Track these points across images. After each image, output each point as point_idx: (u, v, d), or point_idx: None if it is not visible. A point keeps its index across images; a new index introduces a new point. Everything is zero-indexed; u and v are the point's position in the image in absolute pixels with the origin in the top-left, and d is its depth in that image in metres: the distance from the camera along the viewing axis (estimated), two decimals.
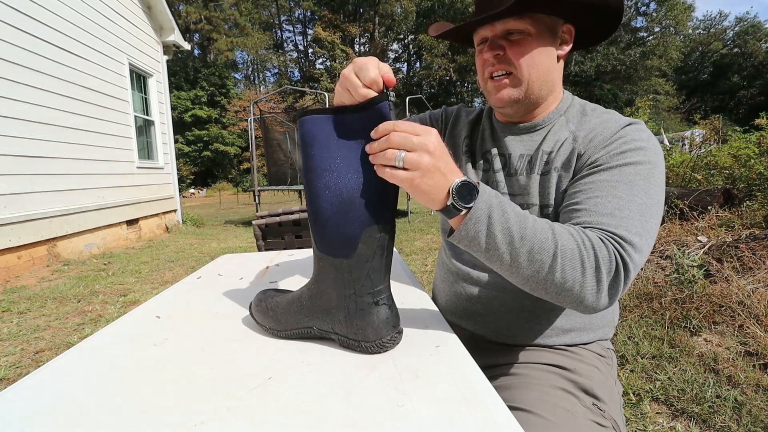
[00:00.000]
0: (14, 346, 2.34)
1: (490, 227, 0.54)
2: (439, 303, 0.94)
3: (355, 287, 0.58)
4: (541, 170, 0.76)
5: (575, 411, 0.65)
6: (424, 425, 0.41)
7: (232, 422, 0.43)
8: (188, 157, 25.81)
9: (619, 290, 0.57)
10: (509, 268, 0.57)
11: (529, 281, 0.57)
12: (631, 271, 0.57)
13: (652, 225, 0.62)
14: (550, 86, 0.76)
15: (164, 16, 6.99)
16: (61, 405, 0.47)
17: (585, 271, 0.55)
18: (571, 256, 0.55)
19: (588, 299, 0.56)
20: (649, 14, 29.00)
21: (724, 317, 2.10)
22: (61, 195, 4.48)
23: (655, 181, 0.65)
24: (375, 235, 0.56)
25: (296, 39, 38.38)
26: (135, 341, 0.65)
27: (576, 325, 0.78)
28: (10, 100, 3.87)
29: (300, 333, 0.63)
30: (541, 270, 0.55)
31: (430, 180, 0.52)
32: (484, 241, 0.55)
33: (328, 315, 0.60)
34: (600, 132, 0.71)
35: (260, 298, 0.68)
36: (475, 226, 0.54)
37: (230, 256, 1.31)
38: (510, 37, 0.72)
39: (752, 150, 4.19)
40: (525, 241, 0.55)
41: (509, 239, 0.55)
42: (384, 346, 0.57)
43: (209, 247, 5.56)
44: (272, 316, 0.64)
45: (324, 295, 0.60)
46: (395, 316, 0.59)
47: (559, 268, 0.55)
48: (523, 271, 0.56)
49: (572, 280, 0.55)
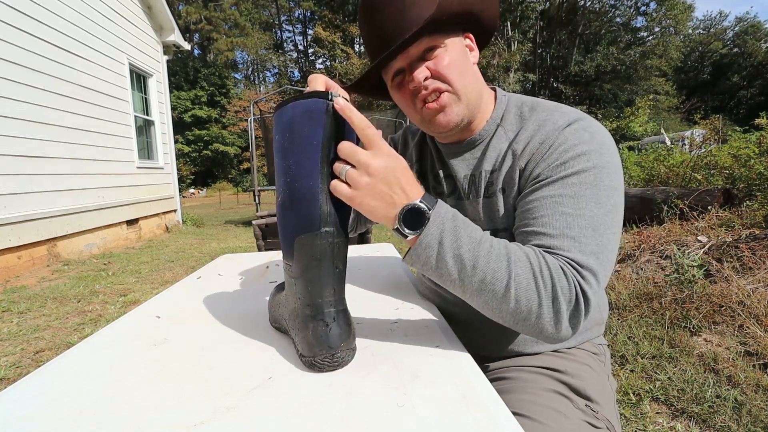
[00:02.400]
0: (14, 346, 2.34)
1: (440, 253, 0.54)
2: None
3: (299, 296, 0.55)
4: (485, 193, 0.73)
5: (568, 413, 0.64)
6: (424, 425, 0.41)
7: (232, 422, 0.43)
8: (188, 157, 25.83)
9: (580, 320, 0.55)
10: (462, 294, 0.57)
11: (483, 308, 0.57)
12: (591, 300, 0.55)
13: (609, 237, 0.59)
14: (479, 92, 0.72)
15: (164, 16, 6.99)
16: (61, 405, 0.47)
17: (541, 302, 0.53)
18: (526, 287, 0.53)
19: (547, 330, 0.55)
20: (649, 14, 28.99)
21: (724, 317, 2.10)
22: (61, 195, 4.48)
23: (604, 187, 0.61)
24: (311, 243, 0.52)
25: (296, 39, 38.47)
26: (135, 341, 0.65)
27: None
28: (10, 100, 3.87)
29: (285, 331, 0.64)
30: (493, 299, 0.54)
31: (371, 201, 0.52)
32: (435, 266, 0.55)
33: (290, 322, 0.59)
34: (538, 141, 0.66)
35: (275, 290, 0.69)
36: (425, 251, 0.54)
37: (230, 256, 1.31)
38: (428, 56, 0.66)
39: (752, 150, 4.19)
40: (477, 270, 0.53)
41: (460, 267, 0.54)
42: (314, 365, 0.52)
43: (209, 247, 5.56)
44: (272, 311, 0.67)
45: (287, 299, 0.60)
46: (336, 336, 0.52)
47: (513, 298, 0.53)
48: (476, 297, 0.55)
49: (527, 311, 0.54)
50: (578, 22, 28.34)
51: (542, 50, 30.39)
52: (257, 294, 0.88)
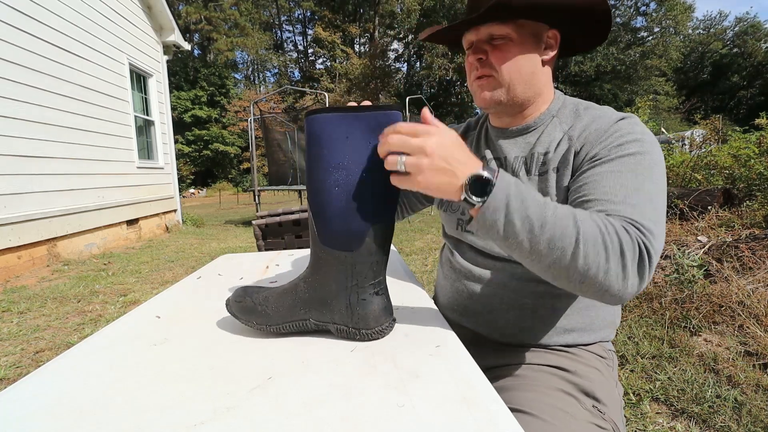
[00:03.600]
0: (14, 346, 2.34)
1: (508, 215, 0.54)
2: (441, 301, 0.94)
3: (357, 279, 0.61)
4: (538, 171, 0.76)
5: (575, 413, 0.64)
6: (424, 425, 0.41)
7: (232, 422, 0.43)
8: (188, 157, 25.82)
9: (645, 276, 0.55)
10: (529, 256, 0.56)
11: (550, 269, 0.56)
12: (653, 258, 0.56)
13: (662, 212, 0.62)
14: (535, 89, 0.77)
15: (164, 16, 6.99)
16: (61, 405, 0.47)
17: (609, 257, 0.53)
18: (593, 242, 0.53)
19: (614, 287, 0.54)
20: (649, 14, 28.98)
21: (724, 317, 2.10)
22: (61, 195, 4.48)
23: (657, 171, 0.65)
24: (380, 231, 0.60)
25: (296, 39, 38.41)
26: (135, 341, 0.65)
27: (577, 325, 0.78)
28: (10, 100, 3.87)
29: (294, 326, 0.63)
30: (563, 257, 0.54)
31: (435, 179, 0.54)
32: (503, 230, 0.54)
33: (327, 306, 0.62)
34: (594, 129, 0.71)
35: (240, 295, 0.66)
36: (492, 215, 0.54)
37: (230, 256, 1.31)
38: (493, 42, 0.74)
39: (752, 150, 4.19)
40: (545, 228, 0.53)
41: (529, 227, 0.53)
42: (383, 332, 0.62)
43: (209, 247, 5.56)
44: (261, 311, 0.64)
45: (324, 287, 0.62)
46: (390, 304, 0.64)
47: (582, 254, 0.53)
48: (544, 258, 0.55)
49: (596, 267, 0.53)
50: None
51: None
52: None
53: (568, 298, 0.77)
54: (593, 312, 0.78)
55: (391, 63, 33.04)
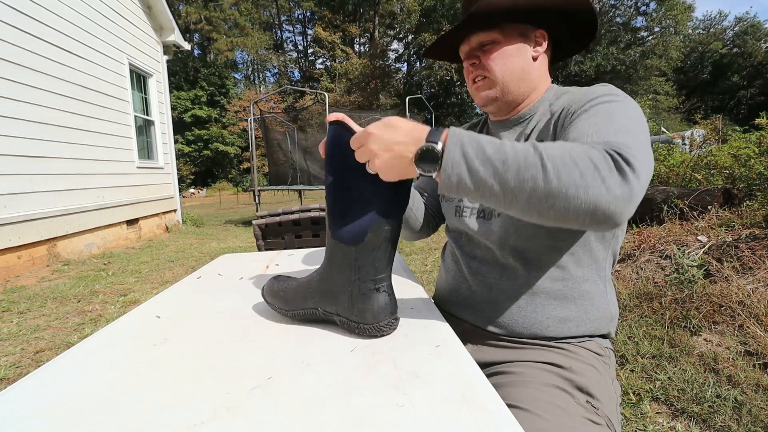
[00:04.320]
0: (14, 346, 2.34)
1: (468, 163, 0.53)
2: (442, 294, 0.96)
3: (359, 273, 0.64)
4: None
5: (569, 408, 0.65)
6: (424, 425, 0.41)
7: (232, 422, 0.43)
8: (188, 157, 25.82)
9: (630, 180, 0.52)
10: (505, 199, 0.54)
11: (531, 205, 0.53)
12: (634, 162, 0.52)
13: (642, 140, 0.59)
14: (529, 84, 0.83)
15: (164, 16, 6.99)
16: (61, 405, 0.47)
17: (583, 173, 0.51)
18: (562, 162, 0.52)
19: (601, 201, 0.51)
20: (649, 14, 28.97)
21: (724, 317, 2.10)
22: (61, 195, 4.48)
23: (635, 113, 0.64)
24: (382, 228, 0.63)
25: (296, 39, 38.40)
26: (135, 341, 0.65)
27: (572, 314, 0.78)
28: (10, 100, 3.87)
29: (306, 314, 0.69)
30: (536, 187, 0.52)
31: (391, 171, 0.58)
32: (469, 179, 0.54)
33: (334, 298, 0.66)
34: (573, 99, 0.75)
35: (273, 280, 0.75)
36: (454, 169, 0.54)
37: (230, 256, 1.31)
38: (484, 48, 0.81)
39: (752, 150, 4.18)
40: (508, 162, 0.52)
41: (492, 168, 0.53)
42: (381, 329, 0.63)
43: (209, 247, 5.56)
44: (282, 296, 0.71)
45: (332, 279, 0.67)
46: (393, 304, 0.65)
47: (554, 176, 0.51)
48: (520, 195, 0.53)
49: (574, 186, 0.51)
50: None
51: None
52: (257, 294, 0.88)
53: (562, 289, 0.78)
54: (587, 301, 0.79)
55: (391, 63, 33.02)
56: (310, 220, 1.72)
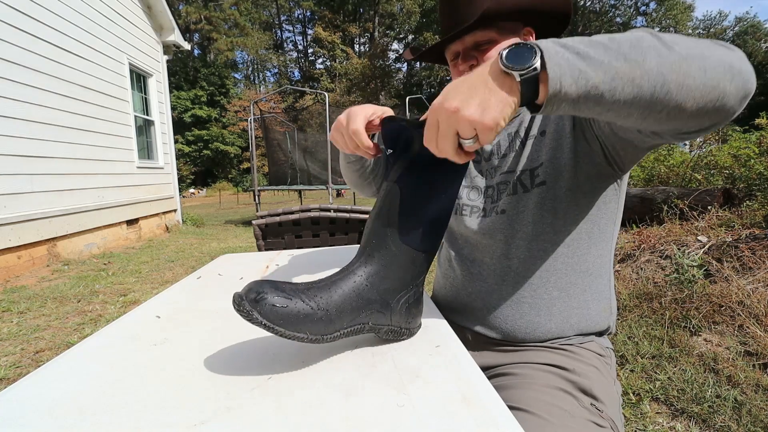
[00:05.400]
0: (14, 346, 2.34)
1: (573, 49, 0.44)
2: (439, 301, 0.94)
3: (419, 278, 0.63)
4: (525, 136, 0.80)
5: (573, 411, 0.65)
6: (424, 425, 0.41)
7: (232, 422, 0.43)
8: (188, 157, 25.83)
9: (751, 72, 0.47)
10: (631, 81, 0.44)
11: (667, 83, 0.44)
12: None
13: None
14: None
15: (164, 16, 6.99)
16: (61, 405, 0.47)
17: (698, 42, 0.46)
18: (670, 37, 0.46)
19: (734, 60, 0.46)
20: (649, 14, 28.98)
21: (724, 317, 2.10)
22: (61, 195, 4.48)
23: None
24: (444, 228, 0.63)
25: (296, 39, 38.43)
26: (135, 341, 0.65)
27: (574, 311, 0.78)
28: (10, 100, 3.87)
29: (351, 332, 0.55)
30: (660, 57, 0.43)
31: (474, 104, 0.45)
32: (583, 70, 0.43)
33: (386, 306, 0.59)
34: None
35: (277, 295, 0.50)
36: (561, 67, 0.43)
37: (230, 256, 1.31)
38: (480, 47, 0.79)
39: (752, 150, 4.18)
40: (615, 40, 0.45)
41: (602, 48, 0.44)
42: (419, 326, 0.65)
43: (209, 247, 5.56)
44: (320, 316, 0.51)
45: (386, 286, 0.58)
46: None
47: (671, 44, 0.44)
48: (650, 73, 0.43)
49: (699, 49, 0.45)
50: (578, 22, 28.34)
51: None
52: None
53: (566, 286, 0.78)
54: (589, 296, 0.79)
55: (391, 63, 33.02)
56: (310, 220, 1.72)
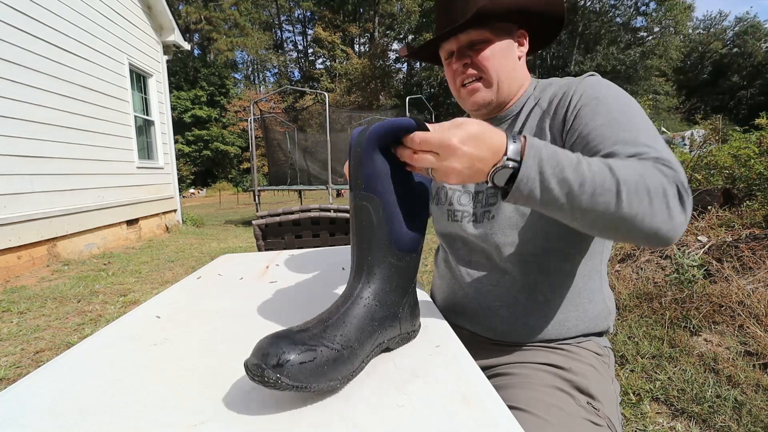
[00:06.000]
0: (14, 346, 2.34)
1: (543, 183, 0.52)
2: (437, 302, 0.94)
3: (415, 278, 0.63)
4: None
5: (570, 410, 0.65)
6: (424, 425, 0.41)
7: (232, 422, 0.43)
8: (188, 157, 25.82)
9: (688, 210, 0.55)
10: (571, 215, 0.55)
11: (594, 224, 0.55)
12: (688, 190, 0.56)
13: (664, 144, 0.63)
14: (517, 83, 0.83)
15: (164, 16, 6.99)
16: (61, 405, 0.47)
17: (652, 199, 0.53)
18: (635, 188, 0.53)
19: (663, 227, 0.54)
20: (649, 14, 28.97)
21: (724, 317, 2.10)
22: (61, 195, 4.48)
23: (638, 107, 0.68)
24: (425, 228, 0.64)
25: (296, 39, 38.43)
26: (135, 341, 0.65)
27: (571, 313, 0.78)
28: (10, 100, 3.87)
29: (371, 357, 0.54)
30: (606, 211, 0.53)
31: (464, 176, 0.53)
32: (540, 196, 0.53)
33: (394, 317, 0.57)
34: (562, 91, 0.75)
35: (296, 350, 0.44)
36: (528, 185, 0.52)
37: (230, 256, 1.31)
38: (474, 47, 0.79)
39: (752, 150, 4.18)
40: (584, 187, 0.52)
41: (567, 189, 0.52)
42: (420, 326, 0.65)
43: (209, 247, 5.56)
44: (347, 356, 0.48)
45: (392, 298, 0.57)
46: None
47: (626, 204, 0.52)
48: (587, 215, 0.54)
49: (642, 212, 0.53)
50: (578, 22, 28.34)
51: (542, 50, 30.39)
52: (257, 294, 0.87)
53: (560, 289, 0.78)
54: (585, 298, 0.79)
55: (391, 63, 33.01)
56: (310, 220, 1.72)
